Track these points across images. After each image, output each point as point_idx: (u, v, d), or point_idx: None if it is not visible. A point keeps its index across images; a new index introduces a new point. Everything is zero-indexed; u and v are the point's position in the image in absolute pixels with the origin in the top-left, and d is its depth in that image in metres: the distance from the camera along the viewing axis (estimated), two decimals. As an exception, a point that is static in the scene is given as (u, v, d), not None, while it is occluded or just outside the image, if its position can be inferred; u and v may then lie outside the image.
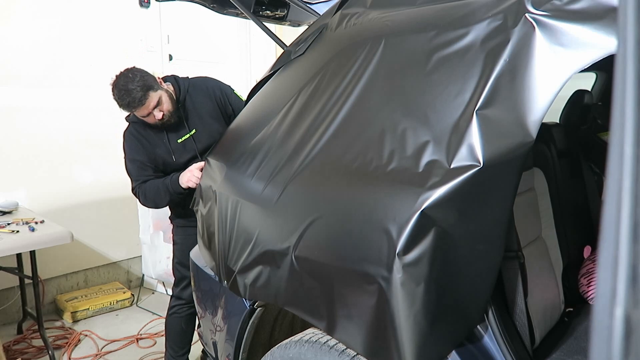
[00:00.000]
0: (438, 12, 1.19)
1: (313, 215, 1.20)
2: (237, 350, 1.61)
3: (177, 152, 2.16)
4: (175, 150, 2.16)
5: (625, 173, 0.32)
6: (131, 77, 1.97)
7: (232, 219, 1.54)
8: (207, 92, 2.24)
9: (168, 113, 2.08)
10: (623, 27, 0.33)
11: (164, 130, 2.15)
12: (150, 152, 2.16)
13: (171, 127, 2.15)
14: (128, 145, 2.18)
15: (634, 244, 0.31)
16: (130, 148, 2.18)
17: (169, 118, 2.09)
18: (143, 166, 2.16)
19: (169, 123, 2.11)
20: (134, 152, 2.17)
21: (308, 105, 1.40)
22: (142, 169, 2.16)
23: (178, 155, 2.17)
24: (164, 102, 2.06)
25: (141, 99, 1.97)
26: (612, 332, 0.31)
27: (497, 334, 1.11)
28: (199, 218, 1.89)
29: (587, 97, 2.19)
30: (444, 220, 0.96)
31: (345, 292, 1.13)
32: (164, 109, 2.06)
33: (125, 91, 1.95)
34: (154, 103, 2.02)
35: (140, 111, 2.02)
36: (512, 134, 0.95)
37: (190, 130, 2.18)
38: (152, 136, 2.16)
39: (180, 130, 2.17)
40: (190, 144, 2.18)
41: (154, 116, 2.05)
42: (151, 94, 1.99)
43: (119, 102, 2.00)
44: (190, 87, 2.21)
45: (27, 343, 2.97)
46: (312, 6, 2.06)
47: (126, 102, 1.97)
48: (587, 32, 0.91)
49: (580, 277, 1.88)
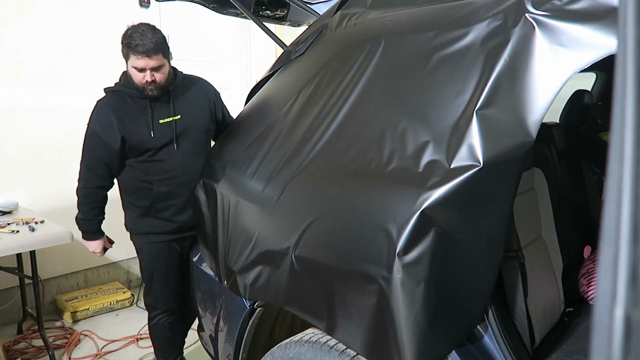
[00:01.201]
0: (438, 12, 1.19)
1: (313, 215, 1.20)
2: (237, 350, 1.61)
3: (157, 131, 2.02)
4: (155, 128, 2.02)
5: (625, 173, 0.32)
6: (155, 31, 1.92)
7: (232, 219, 1.54)
8: (202, 90, 2.20)
9: (159, 84, 1.97)
10: (623, 27, 0.33)
11: (149, 107, 2.02)
12: (122, 128, 1.98)
13: (158, 105, 2.04)
14: (97, 117, 2.02)
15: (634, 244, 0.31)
16: (98, 122, 2.01)
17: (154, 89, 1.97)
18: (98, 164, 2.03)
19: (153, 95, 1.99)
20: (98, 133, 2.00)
21: (308, 105, 1.40)
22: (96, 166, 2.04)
23: (158, 134, 2.02)
24: (163, 72, 1.97)
25: (151, 50, 1.88)
26: (612, 332, 0.31)
27: (497, 334, 1.11)
28: (199, 218, 1.89)
29: (587, 97, 2.19)
30: (444, 220, 0.96)
31: (345, 292, 1.13)
32: (157, 77, 1.95)
33: (141, 35, 1.87)
34: (157, 64, 1.93)
35: (140, 61, 1.90)
36: (512, 134, 0.95)
37: (175, 115, 2.06)
38: (132, 110, 2.02)
39: (165, 111, 2.05)
40: (171, 127, 2.05)
41: (145, 75, 1.94)
42: (160, 55, 1.92)
43: (127, 40, 1.90)
44: (186, 79, 2.15)
45: (27, 343, 2.97)
46: (312, 6, 2.06)
47: (135, 44, 1.87)
48: (587, 32, 0.91)
49: (580, 277, 1.88)
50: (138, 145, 2.03)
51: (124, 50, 1.94)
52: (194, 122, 2.11)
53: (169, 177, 2.07)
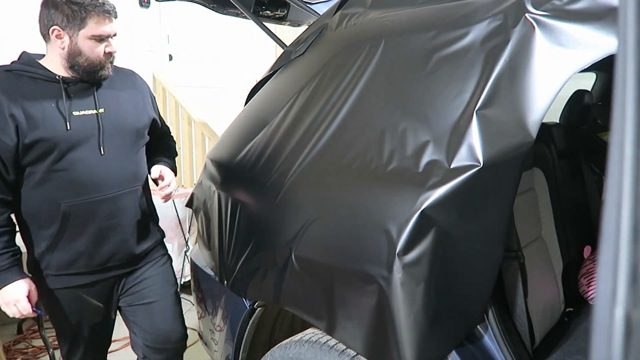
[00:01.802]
0: (438, 12, 1.19)
1: (313, 215, 1.20)
2: (237, 350, 1.61)
3: (74, 124, 1.50)
4: (71, 120, 1.50)
5: (625, 173, 0.32)
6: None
7: (232, 219, 1.54)
8: (134, 82, 1.75)
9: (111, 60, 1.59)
10: (623, 27, 0.33)
11: (63, 92, 1.50)
12: (19, 115, 1.42)
13: (75, 91, 1.53)
14: None
15: (634, 244, 0.31)
16: None
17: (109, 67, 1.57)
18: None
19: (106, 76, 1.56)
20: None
21: (308, 105, 1.40)
22: None
23: (75, 128, 1.50)
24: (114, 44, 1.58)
25: (114, 11, 1.53)
26: (612, 332, 0.31)
27: (497, 334, 1.11)
28: (199, 218, 1.89)
29: (587, 97, 2.19)
30: (444, 220, 0.96)
31: (345, 292, 1.13)
32: (113, 49, 1.56)
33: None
34: (115, 32, 1.55)
35: (106, 26, 1.50)
36: (512, 134, 0.95)
37: (98, 108, 1.56)
38: (34, 93, 1.47)
39: (84, 100, 1.54)
40: (92, 122, 1.53)
41: (107, 45, 1.54)
42: (118, 23, 1.57)
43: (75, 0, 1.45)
44: (113, 68, 1.64)
45: (27, 343, 2.97)
46: (312, 6, 2.06)
47: (94, 3, 1.46)
48: (587, 32, 0.91)
49: (580, 277, 1.88)
50: (42, 143, 1.44)
51: (71, 13, 1.44)
52: (123, 118, 1.62)
53: (86, 191, 1.52)
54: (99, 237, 1.56)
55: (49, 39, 1.50)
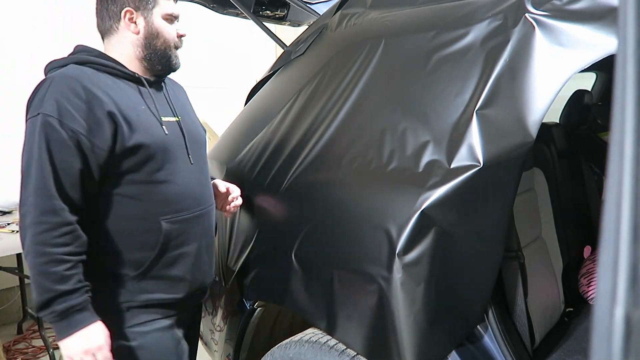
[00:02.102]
0: (438, 12, 1.19)
1: (313, 215, 1.20)
2: (237, 350, 1.61)
3: (168, 129, 1.26)
4: (164, 124, 1.25)
5: (625, 173, 0.32)
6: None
7: (232, 218, 1.54)
8: (185, 94, 1.50)
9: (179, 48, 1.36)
10: (623, 27, 0.33)
11: (149, 93, 1.27)
12: (118, 114, 1.15)
13: (154, 94, 1.29)
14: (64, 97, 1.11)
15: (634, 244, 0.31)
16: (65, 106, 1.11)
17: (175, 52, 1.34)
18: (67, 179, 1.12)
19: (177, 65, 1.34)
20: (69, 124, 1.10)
21: (308, 105, 1.40)
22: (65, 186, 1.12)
23: (171, 133, 1.26)
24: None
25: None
26: (612, 332, 0.31)
27: (497, 334, 1.11)
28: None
29: (587, 97, 2.19)
30: (444, 220, 0.96)
31: (345, 292, 1.13)
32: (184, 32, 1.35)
33: None
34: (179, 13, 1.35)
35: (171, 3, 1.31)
36: (512, 134, 0.95)
37: (177, 115, 1.32)
38: (119, 89, 1.21)
39: (163, 107, 1.30)
40: (177, 129, 1.29)
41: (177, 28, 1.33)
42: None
43: None
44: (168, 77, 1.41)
45: (27, 343, 2.97)
46: (312, 6, 2.06)
47: None
48: (587, 32, 0.91)
49: (580, 277, 1.88)
50: (143, 148, 1.18)
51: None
52: (195, 129, 1.39)
53: (186, 206, 1.26)
54: (197, 258, 1.29)
55: (116, 29, 1.26)
